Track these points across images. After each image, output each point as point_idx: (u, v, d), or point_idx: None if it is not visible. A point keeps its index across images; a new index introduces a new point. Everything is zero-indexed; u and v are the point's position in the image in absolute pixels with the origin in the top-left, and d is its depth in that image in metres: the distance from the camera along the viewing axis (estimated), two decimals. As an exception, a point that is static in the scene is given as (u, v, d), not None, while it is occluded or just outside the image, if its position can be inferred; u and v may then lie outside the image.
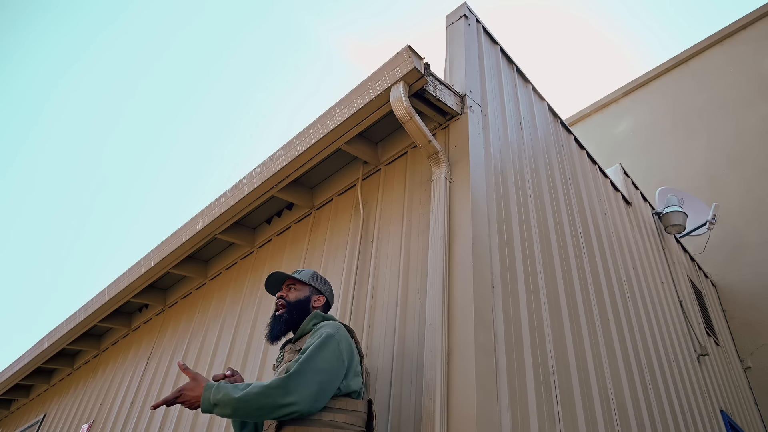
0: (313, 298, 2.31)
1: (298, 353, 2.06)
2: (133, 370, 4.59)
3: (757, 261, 6.85)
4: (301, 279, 2.33)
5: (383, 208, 3.13)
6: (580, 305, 3.23)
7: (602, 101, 10.13)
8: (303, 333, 2.19)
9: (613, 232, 4.38)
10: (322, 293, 2.35)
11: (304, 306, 2.27)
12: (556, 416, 2.45)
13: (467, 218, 2.54)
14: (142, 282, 4.38)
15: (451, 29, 3.66)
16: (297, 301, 2.27)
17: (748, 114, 8.00)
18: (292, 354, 2.10)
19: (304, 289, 2.33)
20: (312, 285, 2.35)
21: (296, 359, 1.91)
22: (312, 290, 2.34)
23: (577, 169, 4.32)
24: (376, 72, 2.84)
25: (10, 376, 5.81)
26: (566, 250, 3.42)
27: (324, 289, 2.37)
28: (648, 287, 4.53)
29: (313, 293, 2.33)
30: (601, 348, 3.21)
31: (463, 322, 2.23)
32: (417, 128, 2.72)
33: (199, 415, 3.41)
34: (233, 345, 3.57)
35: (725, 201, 7.47)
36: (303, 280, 2.33)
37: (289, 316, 2.23)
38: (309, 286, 2.34)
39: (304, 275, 2.36)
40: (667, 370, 4.05)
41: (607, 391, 3.02)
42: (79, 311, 4.96)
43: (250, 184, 3.49)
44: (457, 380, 2.10)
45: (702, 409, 4.36)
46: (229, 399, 1.79)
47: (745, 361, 6.40)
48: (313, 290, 2.34)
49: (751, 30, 8.77)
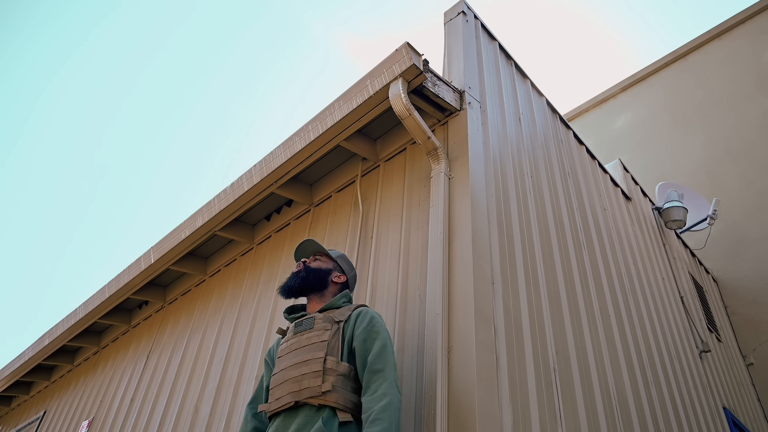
0: (334, 274, 2.36)
1: (335, 323, 2.09)
2: (132, 366, 4.59)
3: (759, 256, 6.84)
4: (329, 253, 2.42)
5: (382, 205, 3.12)
6: (580, 301, 3.23)
7: (601, 96, 10.12)
8: (333, 306, 2.22)
9: (613, 227, 4.38)
10: (344, 273, 2.41)
11: (323, 276, 2.32)
12: (557, 412, 2.45)
13: (467, 214, 2.53)
14: (142, 279, 4.38)
15: (449, 26, 3.64)
16: (317, 269, 2.33)
17: (746, 108, 7.99)
18: (326, 322, 2.10)
19: (328, 263, 2.40)
20: (337, 263, 2.41)
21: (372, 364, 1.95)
22: (336, 267, 2.40)
23: (576, 164, 4.31)
24: (375, 69, 2.84)
25: (10, 373, 5.82)
26: (566, 245, 3.41)
27: (348, 272, 2.43)
28: (649, 283, 4.52)
29: (336, 269, 2.39)
30: (602, 344, 3.21)
31: (463, 318, 2.22)
32: (416, 124, 2.71)
33: (198, 412, 3.41)
34: (233, 341, 3.57)
35: (725, 195, 7.46)
36: (330, 255, 2.42)
37: (306, 275, 2.29)
38: (334, 263, 2.41)
39: (332, 252, 2.46)
40: (669, 366, 4.05)
41: (609, 388, 3.02)
42: (79, 308, 4.96)
43: (249, 181, 3.48)
44: (457, 376, 2.10)
45: (704, 406, 4.36)
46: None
47: (747, 357, 6.40)
48: (337, 267, 2.40)
49: (749, 24, 8.75)
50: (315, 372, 1.95)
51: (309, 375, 1.95)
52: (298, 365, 2.00)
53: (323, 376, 1.93)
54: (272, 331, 3.27)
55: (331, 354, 1.99)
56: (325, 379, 1.92)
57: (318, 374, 1.94)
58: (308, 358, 2.00)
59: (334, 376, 1.94)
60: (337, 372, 1.95)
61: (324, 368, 1.95)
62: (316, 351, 2.00)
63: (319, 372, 1.94)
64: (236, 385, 3.24)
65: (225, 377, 3.40)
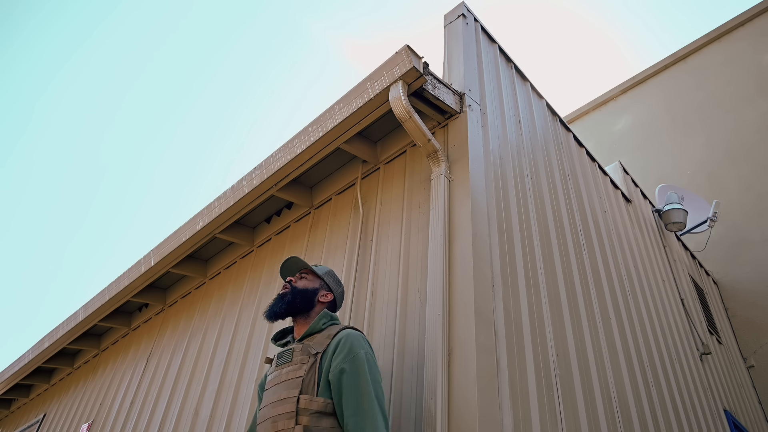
0: (321, 293, 2.30)
1: (312, 356, 2.05)
2: (132, 369, 4.59)
3: (759, 258, 6.84)
4: (315, 271, 2.34)
5: (383, 207, 3.12)
6: (581, 303, 3.22)
7: (600, 99, 10.12)
8: (313, 331, 2.16)
9: (613, 229, 4.37)
10: (332, 291, 2.35)
11: (310, 297, 2.25)
12: (558, 415, 2.45)
13: (467, 216, 2.53)
14: (142, 281, 4.38)
15: (449, 28, 3.65)
16: (303, 290, 2.27)
17: (746, 110, 7.99)
18: (304, 355, 2.06)
19: (314, 281, 2.33)
20: (324, 280, 2.35)
21: (354, 399, 1.91)
22: (322, 285, 2.33)
23: (576, 166, 4.31)
24: (375, 71, 2.84)
25: (10, 376, 5.81)
26: (566, 248, 3.41)
27: (335, 289, 2.37)
28: (649, 285, 4.52)
29: (323, 288, 2.32)
30: (602, 347, 3.21)
31: (463, 321, 2.22)
32: (416, 127, 2.71)
33: (198, 415, 3.40)
34: (233, 344, 3.56)
35: (725, 198, 7.46)
36: (316, 273, 2.34)
37: (292, 298, 2.23)
38: (320, 280, 2.35)
39: (319, 270, 2.37)
40: (670, 369, 4.04)
41: (610, 391, 3.02)
42: (79, 310, 4.96)
43: (249, 184, 3.48)
44: (458, 379, 2.09)
45: (705, 408, 4.35)
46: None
47: (748, 359, 6.39)
48: (324, 285, 2.34)
49: (749, 27, 8.75)
50: (289, 413, 1.92)
51: (284, 416, 1.92)
52: (274, 404, 1.98)
53: (297, 417, 1.90)
54: (272, 333, 3.26)
55: (305, 391, 1.95)
56: (298, 420, 1.89)
57: (291, 415, 1.91)
58: (284, 396, 1.97)
59: (308, 415, 1.90)
60: (310, 411, 1.91)
61: (297, 408, 1.92)
62: (291, 389, 1.98)
63: (293, 413, 1.91)
64: (236, 387, 3.24)
65: (225, 380, 3.40)
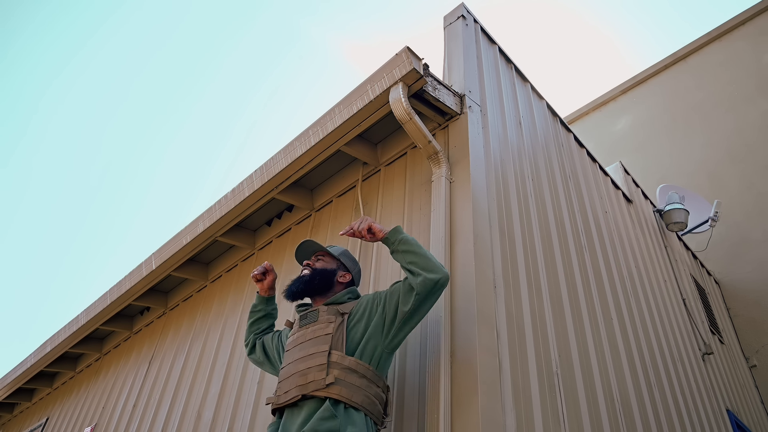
0: (339, 273, 2.32)
1: (339, 315, 2.09)
2: (135, 372, 4.59)
3: (761, 257, 6.83)
4: (331, 253, 2.36)
5: (383, 209, 3.12)
6: (582, 304, 3.22)
7: (601, 99, 10.12)
8: (337, 301, 2.19)
9: (614, 230, 4.37)
10: (349, 271, 2.36)
11: (329, 277, 2.27)
12: (560, 416, 2.45)
13: (468, 218, 2.53)
14: (143, 285, 4.38)
15: (449, 29, 3.65)
16: (323, 270, 2.28)
17: (747, 110, 7.99)
18: (331, 315, 2.09)
19: (332, 262, 2.34)
20: (341, 261, 2.36)
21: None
22: (339, 265, 2.35)
23: (577, 167, 4.31)
24: (375, 73, 2.84)
25: (13, 380, 5.82)
26: (568, 249, 3.41)
27: (352, 268, 2.38)
28: (650, 285, 4.52)
29: (340, 268, 2.34)
30: (604, 347, 3.20)
31: (465, 322, 2.22)
32: (417, 129, 2.71)
33: (201, 418, 3.40)
34: (235, 347, 3.56)
35: (726, 197, 7.45)
36: (333, 254, 2.36)
37: (311, 278, 2.25)
38: (337, 261, 2.36)
39: (335, 250, 2.39)
40: (672, 369, 4.04)
41: (612, 391, 3.01)
42: (81, 314, 4.96)
43: (250, 187, 3.48)
44: (460, 380, 2.09)
45: (708, 408, 4.34)
46: (415, 243, 2.05)
47: (750, 359, 6.38)
48: (341, 266, 2.36)
49: (749, 26, 8.75)
50: (320, 365, 1.95)
51: (314, 368, 1.95)
52: (303, 359, 2.00)
53: (327, 369, 1.93)
54: (274, 336, 3.26)
55: (335, 347, 1.99)
56: (329, 371, 1.92)
57: (323, 367, 1.94)
58: (313, 351, 2.00)
59: (339, 369, 1.93)
60: (341, 365, 1.94)
61: (328, 361, 1.95)
62: (321, 344, 2.01)
63: (324, 365, 1.94)
64: (239, 390, 3.24)
65: (227, 382, 3.40)
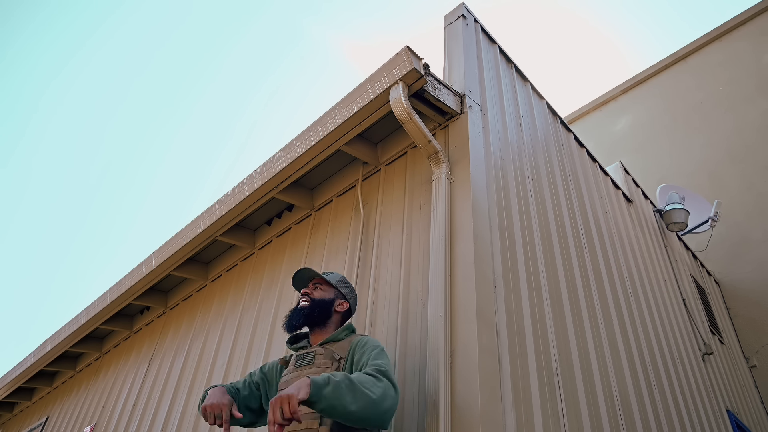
0: (337, 302, 2.28)
1: (335, 361, 2.03)
2: (135, 372, 4.59)
3: (761, 257, 6.83)
4: (329, 281, 2.32)
5: (383, 209, 3.12)
6: (582, 304, 3.22)
7: (601, 99, 10.12)
8: (334, 339, 2.14)
9: (614, 230, 4.37)
10: (347, 299, 2.33)
11: (327, 307, 2.24)
12: (560, 416, 2.45)
13: (468, 217, 2.53)
14: (143, 284, 4.38)
15: (449, 29, 3.65)
16: (321, 300, 2.25)
17: (747, 110, 7.99)
18: (327, 359, 2.04)
19: (329, 291, 2.30)
20: (338, 289, 2.32)
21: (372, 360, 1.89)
22: (337, 294, 2.31)
23: (577, 167, 4.31)
24: (376, 73, 2.84)
25: (13, 379, 5.82)
26: (568, 248, 3.41)
27: (349, 296, 2.34)
28: (651, 286, 4.52)
29: (338, 297, 2.30)
30: (604, 347, 3.20)
31: (465, 322, 2.22)
32: (417, 128, 2.71)
33: (200, 420, 3.40)
34: (234, 346, 3.56)
35: (726, 197, 7.45)
36: (330, 282, 2.32)
37: (311, 311, 2.21)
38: (335, 289, 2.32)
39: (332, 278, 2.34)
40: (672, 369, 4.04)
41: (612, 391, 3.01)
42: (81, 314, 4.96)
43: (250, 186, 3.48)
44: (460, 381, 2.09)
45: (708, 408, 4.34)
46: (347, 387, 1.68)
47: (750, 359, 6.38)
48: (338, 294, 2.32)
49: (749, 26, 8.75)
50: (312, 413, 1.88)
51: (307, 416, 1.89)
52: None
53: (321, 419, 1.86)
54: (274, 335, 3.26)
55: None
56: (323, 422, 1.86)
57: (315, 416, 1.87)
58: None
59: (332, 420, 1.85)
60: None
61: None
62: None
63: (317, 415, 1.87)
64: (238, 390, 3.24)
65: (227, 382, 3.39)
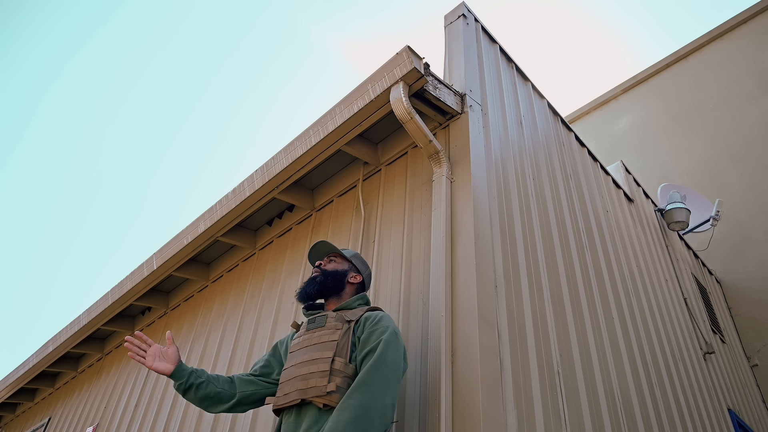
0: (350, 275, 2.36)
1: (346, 322, 2.09)
2: (137, 372, 4.59)
3: (762, 256, 6.82)
4: (343, 254, 2.41)
5: (384, 209, 3.12)
6: (584, 304, 3.22)
7: (602, 98, 10.12)
8: (347, 307, 2.23)
9: (615, 229, 4.37)
10: (360, 273, 2.40)
11: (340, 278, 2.32)
12: (561, 415, 2.45)
13: (469, 217, 2.53)
14: (144, 285, 4.38)
15: (449, 29, 3.65)
16: (333, 271, 2.33)
17: (748, 109, 7.98)
18: (339, 321, 2.10)
19: (343, 264, 2.39)
20: (352, 262, 2.40)
21: (369, 357, 1.92)
22: (351, 267, 2.39)
23: (578, 166, 4.31)
24: (376, 73, 2.84)
25: (15, 380, 5.82)
26: (569, 248, 3.41)
27: (363, 270, 2.42)
28: (652, 285, 4.51)
29: (351, 270, 2.38)
30: (606, 347, 3.20)
31: (466, 322, 2.22)
32: (417, 128, 2.71)
33: (203, 417, 3.41)
34: (236, 346, 3.57)
35: (727, 196, 7.45)
36: (344, 256, 2.41)
37: (323, 279, 2.29)
38: (349, 263, 2.40)
39: (346, 252, 2.44)
40: (673, 368, 4.03)
41: (613, 390, 3.01)
42: (83, 314, 4.97)
43: (251, 187, 3.48)
44: (461, 380, 2.09)
45: (709, 407, 4.34)
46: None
47: (751, 358, 6.37)
48: (352, 267, 2.40)
49: (750, 24, 8.75)
50: (322, 371, 1.95)
51: (316, 374, 1.96)
52: (307, 363, 2.01)
53: (329, 377, 1.93)
54: (275, 335, 3.27)
55: (339, 355, 1.99)
56: (331, 379, 1.93)
57: (325, 374, 1.94)
58: (317, 356, 2.01)
59: (341, 377, 1.93)
60: (344, 374, 1.94)
61: (331, 368, 1.95)
62: (325, 350, 2.01)
63: (326, 372, 1.94)
64: (240, 390, 3.24)
65: (228, 383, 3.40)
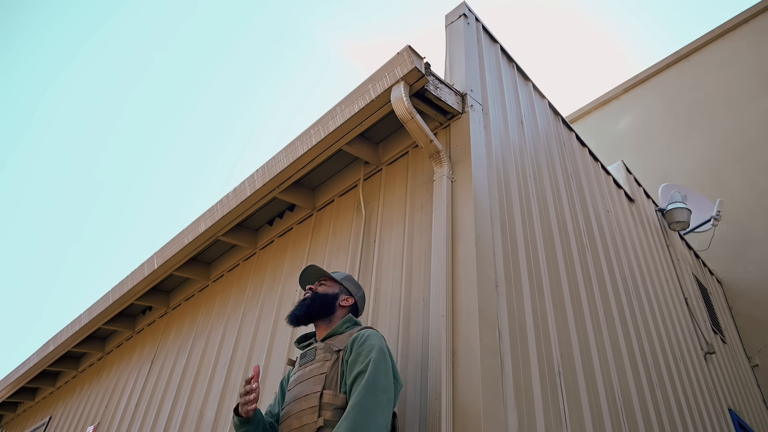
0: (341, 297, 2.34)
1: (334, 353, 2.08)
2: (137, 372, 4.60)
3: (763, 256, 6.82)
4: (334, 277, 2.39)
5: (385, 209, 3.12)
6: (584, 304, 3.22)
7: (602, 98, 10.11)
8: (335, 333, 2.20)
9: (616, 229, 4.37)
10: (352, 295, 2.38)
11: (330, 301, 2.30)
12: (562, 415, 2.45)
13: (470, 217, 2.53)
14: (145, 284, 4.39)
15: (450, 28, 3.65)
16: (324, 295, 2.32)
17: (749, 109, 7.97)
18: (327, 353, 2.09)
19: (334, 287, 2.37)
20: (343, 285, 2.39)
21: (359, 379, 1.90)
22: (342, 290, 2.38)
23: (579, 166, 4.31)
24: (377, 72, 2.84)
25: (16, 379, 5.83)
26: (570, 248, 3.40)
27: (355, 292, 2.40)
28: (653, 285, 4.51)
29: (342, 292, 2.37)
30: (606, 347, 3.20)
31: (467, 322, 2.22)
32: (418, 128, 2.71)
33: (203, 417, 3.41)
34: (237, 346, 3.57)
35: (728, 196, 7.44)
36: (335, 279, 2.39)
37: (312, 303, 2.27)
38: (340, 286, 2.39)
39: (337, 275, 2.42)
40: (674, 368, 4.03)
41: (614, 390, 3.01)
42: (83, 314, 4.97)
43: (251, 186, 3.48)
44: (462, 380, 2.09)
45: (710, 407, 4.34)
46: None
47: (752, 358, 6.37)
48: (343, 290, 2.38)
49: (751, 24, 8.74)
50: (312, 407, 1.95)
51: (307, 411, 1.96)
52: (299, 400, 2.02)
53: (319, 411, 1.93)
54: (276, 335, 3.27)
55: (329, 387, 1.99)
56: (321, 414, 1.93)
57: (314, 410, 1.94)
58: (308, 392, 2.01)
59: (331, 410, 1.92)
60: (333, 405, 1.93)
61: (320, 403, 1.95)
62: (315, 385, 2.01)
63: (316, 407, 1.94)
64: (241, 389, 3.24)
65: (229, 381, 3.40)
